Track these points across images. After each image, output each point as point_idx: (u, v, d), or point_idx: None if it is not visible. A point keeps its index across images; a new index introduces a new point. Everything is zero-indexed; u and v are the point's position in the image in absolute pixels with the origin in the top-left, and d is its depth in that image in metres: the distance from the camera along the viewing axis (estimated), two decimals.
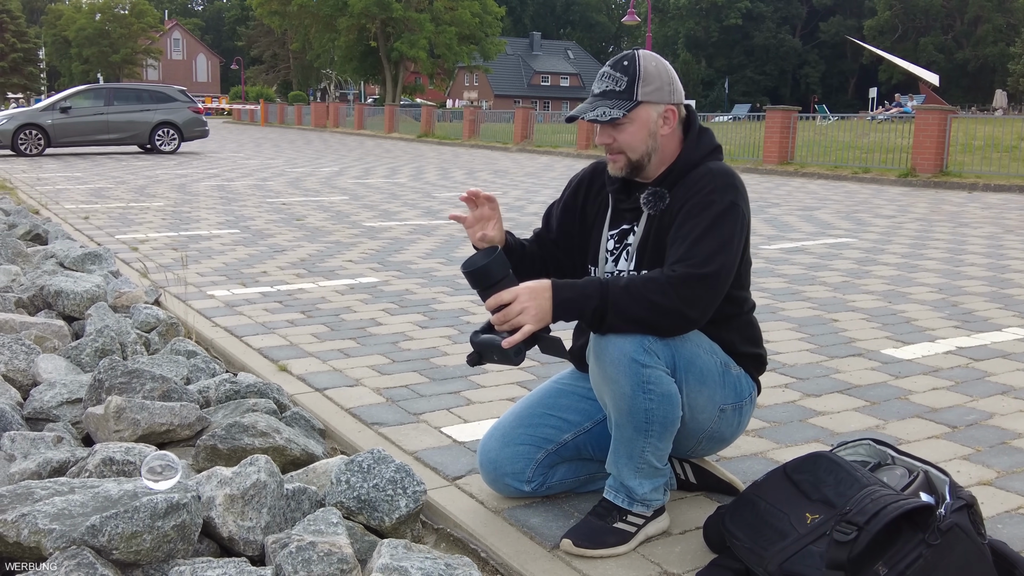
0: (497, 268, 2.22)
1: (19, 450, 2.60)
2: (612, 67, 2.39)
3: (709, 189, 2.33)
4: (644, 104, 2.36)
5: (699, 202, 2.32)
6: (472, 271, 2.22)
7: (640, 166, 2.42)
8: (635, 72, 2.36)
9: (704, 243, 2.26)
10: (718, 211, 2.30)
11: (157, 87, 23.17)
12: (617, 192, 2.52)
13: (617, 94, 2.36)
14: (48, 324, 3.99)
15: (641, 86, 2.36)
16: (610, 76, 2.38)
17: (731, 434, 2.51)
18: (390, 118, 36.74)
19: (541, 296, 2.19)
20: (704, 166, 2.40)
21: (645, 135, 2.38)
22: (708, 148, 2.46)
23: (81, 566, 1.87)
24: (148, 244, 7.65)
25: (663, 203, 2.40)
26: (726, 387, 2.41)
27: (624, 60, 2.39)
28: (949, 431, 3.24)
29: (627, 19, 28.86)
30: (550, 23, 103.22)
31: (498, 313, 2.19)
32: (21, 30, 70.27)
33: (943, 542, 1.91)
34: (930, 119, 16.45)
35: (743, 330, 2.52)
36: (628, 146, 2.39)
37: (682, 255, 2.26)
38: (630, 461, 2.32)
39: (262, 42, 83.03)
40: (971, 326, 4.92)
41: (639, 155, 2.40)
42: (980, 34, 68.26)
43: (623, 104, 2.35)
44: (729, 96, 75.93)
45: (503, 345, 2.16)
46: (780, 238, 8.62)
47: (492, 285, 2.21)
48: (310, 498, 2.39)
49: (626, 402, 2.22)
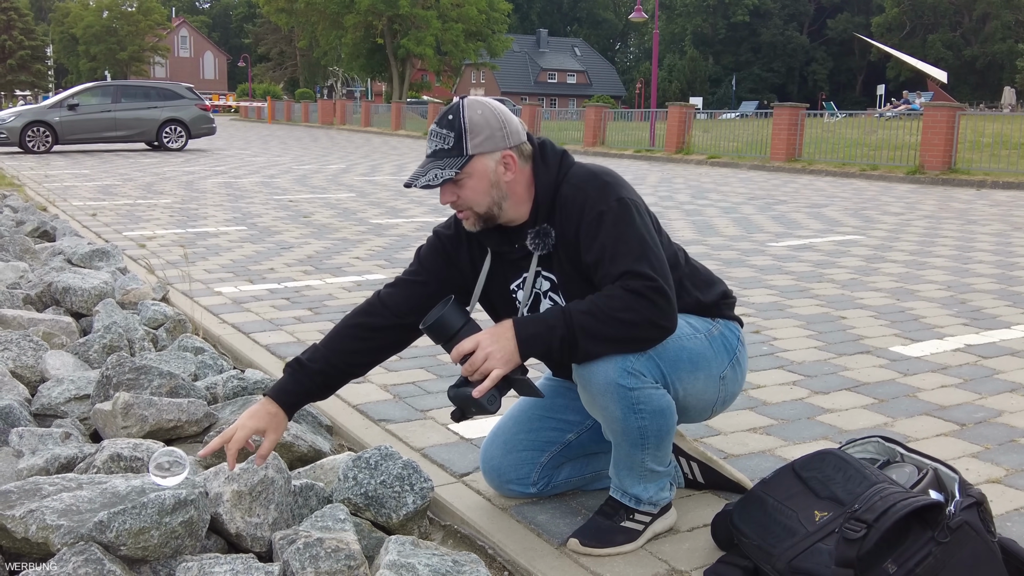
0: (453, 318, 2.13)
1: (27, 446, 2.60)
2: (438, 124, 2.25)
3: (589, 203, 2.23)
4: (477, 156, 2.22)
5: (590, 220, 2.22)
6: (428, 327, 2.14)
7: (492, 217, 2.29)
8: (460, 126, 2.22)
9: (624, 255, 2.16)
10: (612, 217, 2.20)
11: (164, 84, 23.23)
12: (499, 246, 2.38)
13: (447, 152, 2.22)
14: (56, 321, 4.00)
15: (469, 139, 2.22)
16: (437, 134, 2.24)
17: (739, 386, 2.50)
18: (397, 115, 36.75)
19: (503, 337, 2.12)
20: (566, 184, 2.29)
21: (487, 186, 2.25)
22: (556, 161, 2.33)
23: (89, 562, 1.87)
24: (155, 241, 7.66)
25: (550, 239, 2.28)
26: (718, 353, 2.38)
27: (448, 115, 2.26)
28: (958, 429, 3.23)
29: (634, 16, 28.80)
30: (557, 20, 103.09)
31: (465, 364, 2.12)
32: (29, 27, 70.40)
33: (952, 540, 1.90)
34: (938, 116, 16.40)
35: (695, 280, 2.44)
36: (472, 202, 2.26)
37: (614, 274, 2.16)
38: (631, 471, 2.31)
39: (269, 39, 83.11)
40: (980, 324, 4.91)
41: (485, 208, 2.27)
42: (988, 31, 67.96)
43: (454, 162, 2.22)
44: (736, 93, 75.75)
45: (473, 395, 2.09)
46: (788, 235, 8.60)
47: (452, 337, 2.13)
48: (317, 494, 2.39)
49: (619, 424, 2.21)
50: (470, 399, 2.12)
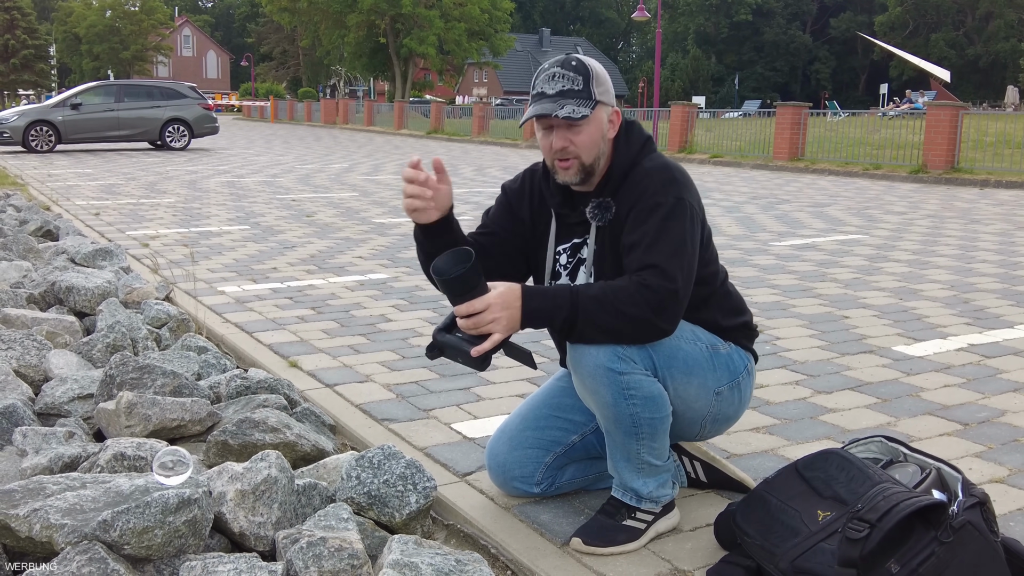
0: (473, 277, 2.13)
1: (31, 445, 2.60)
2: (562, 67, 2.28)
3: (652, 190, 2.26)
4: (600, 105, 2.28)
5: (645, 206, 2.25)
6: (448, 280, 2.12)
7: (592, 171, 2.33)
8: (587, 71, 2.27)
9: (660, 250, 2.19)
10: (666, 211, 2.24)
11: (167, 84, 23.24)
12: (561, 207, 2.43)
13: (576, 93, 2.25)
14: (59, 320, 4.00)
15: (595, 86, 2.28)
16: (562, 75, 2.27)
17: (734, 412, 2.48)
18: (399, 115, 36.75)
19: (512, 307, 2.14)
20: (640, 166, 2.32)
21: (598, 138, 2.30)
22: (639, 143, 2.37)
23: (93, 561, 1.87)
24: (159, 240, 7.67)
25: (609, 213, 2.32)
26: (717, 369, 2.38)
27: (572, 61, 2.29)
28: (961, 428, 3.23)
29: (637, 15, 28.80)
30: (560, 19, 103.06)
31: (469, 320, 2.13)
32: (32, 27, 70.48)
33: (955, 540, 1.90)
34: (941, 115, 16.38)
35: (722, 303, 2.48)
36: (584, 149, 2.28)
37: (642, 263, 2.19)
38: (628, 464, 2.31)
39: (272, 39, 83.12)
40: (983, 323, 4.90)
41: (592, 158, 2.30)
42: (991, 30, 67.84)
43: (586, 103, 2.25)
44: (739, 92, 75.67)
45: (472, 354, 2.12)
46: (790, 234, 8.60)
47: (466, 293, 2.14)
48: (321, 494, 2.39)
49: (610, 410, 2.22)
50: (461, 352, 2.15)
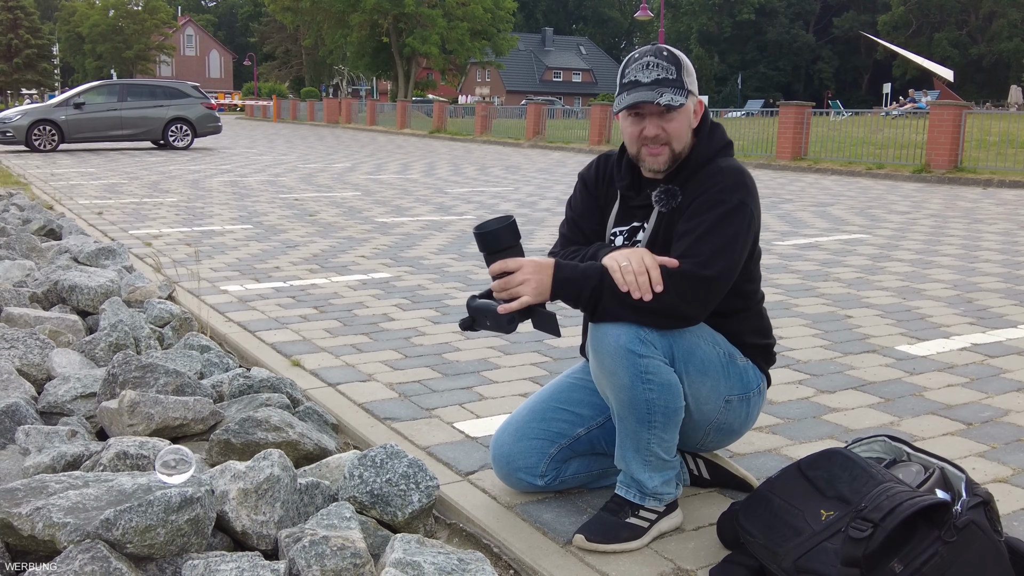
0: (507, 235, 2.22)
1: (33, 444, 2.60)
2: (655, 56, 2.34)
3: (719, 187, 2.31)
4: (690, 95, 2.35)
5: (707, 200, 2.30)
6: (483, 233, 2.22)
7: (679, 157, 2.38)
8: (679, 62, 2.34)
9: (709, 242, 2.25)
10: (725, 210, 2.28)
11: (170, 83, 23.24)
12: (627, 189, 2.49)
13: (671, 82, 2.31)
14: (62, 319, 4.01)
15: (686, 76, 2.34)
16: (656, 64, 2.32)
17: (740, 426, 2.49)
18: (402, 114, 36.76)
19: (544, 272, 2.21)
20: (715, 163, 2.38)
21: (687, 126, 2.37)
22: (720, 144, 2.43)
23: (95, 559, 1.87)
24: (161, 239, 7.67)
25: (675, 201, 2.37)
26: (731, 377, 2.39)
27: (663, 51, 2.35)
28: (964, 428, 3.22)
29: (640, 14, 28.79)
30: (562, 19, 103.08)
31: (500, 280, 2.20)
32: (35, 26, 70.57)
33: (959, 539, 1.89)
34: (945, 115, 16.36)
35: (751, 321, 2.50)
36: (676, 137, 2.34)
37: (685, 251, 2.25)
38: (637, 454, 2.31)
39: (275, 38, 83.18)
40: (986, 323, 4.89)
41: (682, 147, 2.37)
42: (995, 29, 67.75)
43: (680, 92, 2.31)
44: (742, 92, 75.65)
45: (498, 310, 2.18)
46: (793, 234, 8.59)
47: (500, 251, 2.22)
48: (323, 493, 2.39)
49: (626, 393, 2.22)
50: (490, 312, 2.21)
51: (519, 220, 9.47)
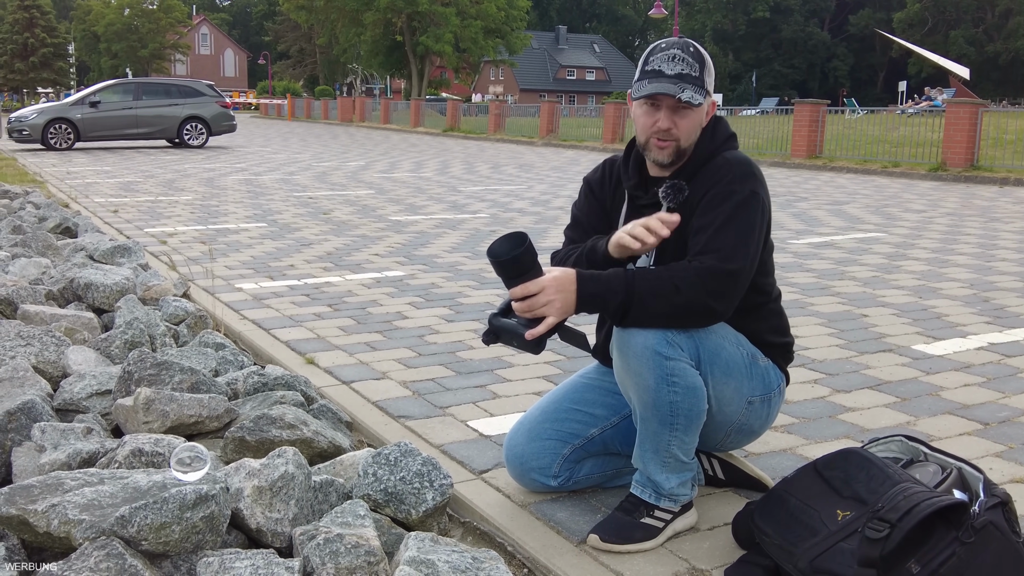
0: (528, 259, 2.16)
1: (49, 441, 2.61)
2: (682, 50, 2.32)
3: (729, 179, 2.30)
4: (707, 94, 2.35)
5: (719, 192, 2.29)
6: (503, 261, 2.16)
7: (684, 155, 2.38)
8: (703, 60, 2.33)
9: (727, 234, 2.24)
10: (739, 201, 2.27)
11: (185, 82, 23.33)
12: (635, 188, 2.47)
13: (694, 79, 2.30)
14: (78, 316, 4.02)
15: (707, 75, 2.34)
16: (683, 59, 2.31)
17: (760, 426, 2.48)
18: (416, 112, 36.80)
19: (567, 290, 2.18)
20: (721, 156, 2.37)
21: (698, 125, 2.36)
22: (723, 137, 2.42)
23: (110, 556, 1.88)
24: (176, 238, 7.70)
25: (682, 195, 2.35)
26: (754, 379, 2.38)
27: (690, 46, 2.34)
28: (981, 428, 3.20)
29: (654, 12, 28.74)
30: (576, 17, 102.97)
31: (523, 303, 2.17)
32: (51, 25, 71.01)
33: (977, 540, 1.88)
34: (961, 113, 16.27)
35: (770, 319, 2.49)
36: (685, 133, 2.34)
37: (705, 246, 2.24)
38: (656, 455, 2.30)
39: (289, 37, 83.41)
40: (1003, 322, 4.86)
41: (689, 143, 2.36)
42: (1011, 27, 67.30)
43: (700, 91, 2.31)
44: (756, 90, 75.41)
45: (526, 337, 2.15)
46: (809, 232, 8.55)
47: (520, 275, 2.17)
48: (337, 490, 2.40)
49: (650, 395, 2.21)
50: (516, 335, 2.18)
51: (532, 219, 9.48)
